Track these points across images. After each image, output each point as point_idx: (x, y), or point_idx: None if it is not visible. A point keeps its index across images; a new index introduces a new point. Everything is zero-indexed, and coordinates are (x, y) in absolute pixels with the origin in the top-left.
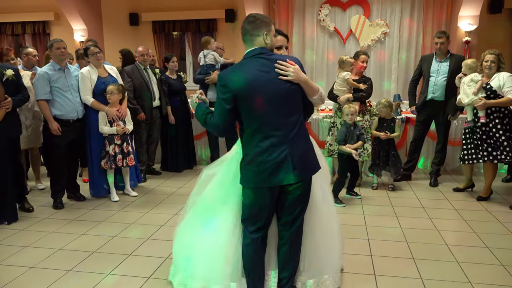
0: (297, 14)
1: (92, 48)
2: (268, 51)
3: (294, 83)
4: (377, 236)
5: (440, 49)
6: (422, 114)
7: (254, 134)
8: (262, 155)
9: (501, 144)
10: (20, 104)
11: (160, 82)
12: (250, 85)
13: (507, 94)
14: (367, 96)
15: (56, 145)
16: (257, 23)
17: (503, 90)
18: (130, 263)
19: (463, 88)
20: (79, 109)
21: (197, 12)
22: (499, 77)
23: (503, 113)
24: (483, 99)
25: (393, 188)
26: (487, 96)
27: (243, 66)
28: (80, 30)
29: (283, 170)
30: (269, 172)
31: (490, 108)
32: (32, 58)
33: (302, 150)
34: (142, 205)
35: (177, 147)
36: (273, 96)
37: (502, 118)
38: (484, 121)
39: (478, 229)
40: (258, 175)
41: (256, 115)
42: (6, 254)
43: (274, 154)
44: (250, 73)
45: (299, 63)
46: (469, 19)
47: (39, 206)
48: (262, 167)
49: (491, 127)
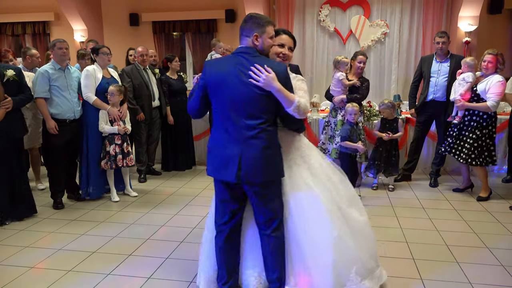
0: (297, 15)
1: (105, 49)
2: (254, 52)
3: (265, 90)
4: (377, 236)
5: (442, 49)
6: (423, 114)
7: (216, 126)
8: (218, 148)
9: (469, 148)
10: (22, 104)
11: (160, 82)
12: (220, 79)
13: (488, 100)
14: (362, 98)
15: (53, 144)
16: (248, 24)
17: (486, 95)
18: (130, 263)
19: (455, 84)
20: (76, 110)
21: (197, 13)
22: (488, 81)
23: (481, 117)
24: (462, 100)
25: (393, 189)
26: (471, 98)
27: (223, 60)
28: (80, 31)
29: (230, 167)
30: (219, 165)
31: (469, 110)
32: (36, 59)
33: (256, 154)
34: (142, 205)
35: (176, 147)
36: (237, 96)
37: (477, 122)
38: (457, 121)
39: (478, 229)
40: (211, 165)
41: (218, 109)
42: (6, 254)
43: (228, 150)
44: (224, 69)
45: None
46: (469, 20)
47: (39, 206)
48: (216, 158)
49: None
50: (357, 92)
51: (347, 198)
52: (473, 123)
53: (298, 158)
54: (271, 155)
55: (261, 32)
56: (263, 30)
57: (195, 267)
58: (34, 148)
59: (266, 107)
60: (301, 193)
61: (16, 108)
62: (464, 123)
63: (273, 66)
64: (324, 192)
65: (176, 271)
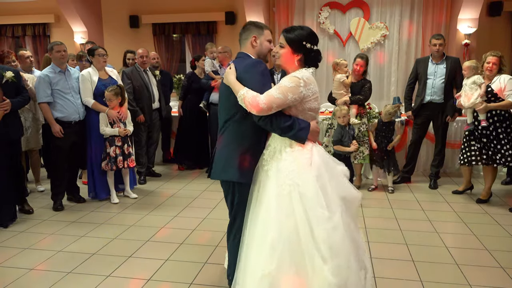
0: (297, 17)
1: (100, 50)
2: (246, 56)
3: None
4: (377, 238)
5: (438, 50)
6: (420, 116)
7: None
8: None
9: (502, 147)
10: (20, 106)
11: (160, 83)
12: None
13: (507, 98)
14: (365, 99)
15: (58, 147)
16: (247, 27)
17: (504, 93)
18: (130, 265)
19: (465, 90)
20: (80, 111)
21: (197, 15)
22: (500, 79)
23: (503, 116)
24: (484, 103)
25: (392, 190)
26: (487, 99)
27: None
28: (81, 32)
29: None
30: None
31: (490, 112)
32: (26, 60)
33: (220, 152)
34: (142, 207)
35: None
36: (220, 94)
37: (502, 121)
38: (485, 125)
39: (478, 231)
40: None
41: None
42: (6, 256)
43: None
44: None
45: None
46: (468, 22)
47: (39, 208)
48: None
49: (491, 130)
50: (360, 93)
51: (325, 246)
52: (498, 124)
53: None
54: (228, 154)
55: (259, 34)
56: (261, 32)
57: (195, 269)
58: (33, 151)
59: (231, 103)
60: (259, 209)
61: (14, 110)
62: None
63: (237, 64)
64: (287, 222)
65: (176, 273)
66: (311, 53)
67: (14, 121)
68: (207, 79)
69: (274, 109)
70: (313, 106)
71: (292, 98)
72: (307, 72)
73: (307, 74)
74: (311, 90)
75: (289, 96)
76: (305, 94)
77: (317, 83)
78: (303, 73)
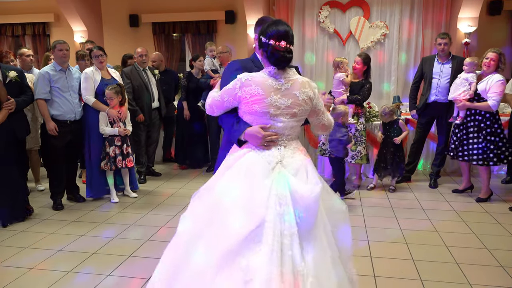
0: (297, 16)
1: (95, 51)
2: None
3: None
4: (377, 237)
5: (444, 50)
6: (425, 116)
7: None
8: None
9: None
10: (24, 105)
11: (159, 83)
12: None
13: (488, 99)
14: (362, 99)
15: (53, 146)
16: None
17: (487, 94)
18: (130, 264)
19: (455, 83)
20: (77, 111)
21: (197, 14)
22: (489, 80)
23: (484, 116)
24: (463, 100)
25: (393, 190)
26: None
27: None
28: (80, 32)
29: None
30: None
31: (471, 110)
32: (26, 58)
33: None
34: (142, 206)
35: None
36: None
37: (479, 121)
38: (459, 122)
39: (478, 230)
40: None
41: None
42: (6, 255)
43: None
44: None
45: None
46: (468, 21)
47: (39, 207)
48: None
49: (467, 128)
50: (358, 93)
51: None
52: (476, 123)
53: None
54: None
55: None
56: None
57: None
58: (33, 151)
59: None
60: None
61: (18, 109)
62: (467, 124)
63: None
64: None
65: None
66: (266, 48)
67: (20, 121)
68: (207, 78)
69: (216, 111)
70: (252, 109)
71: (228, 100)
72: (259, 72)
73: (249, 75)
74: (248, 93)
75: (225, 98)
76: (241, 96)
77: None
78: (247, 74)
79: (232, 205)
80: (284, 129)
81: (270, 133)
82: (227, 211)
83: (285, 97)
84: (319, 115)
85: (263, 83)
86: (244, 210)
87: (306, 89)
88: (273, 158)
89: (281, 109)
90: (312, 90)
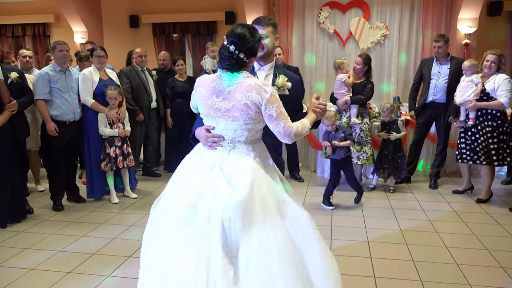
0: (297, 17)
1: (99, 51)
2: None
3: None
4: (377, 238)
5: (438, 52)
6: (423, 116)
7: None
8: None
9: (487, 147)
10: (25, 106)
11: (157, 84)
12: None
13: (499, 98)
14: (366, 99)
15: (52, 146)
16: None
17: (496, 93)
18: (130, 265)
19: (461, 85)
20: (76, 111)
21: (197, 15)
22: (495, 79)
23: (495, 116)
24: (473, 101)
25: (394, 190)
26: (480, 98)
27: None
28: (80, 32)
29: None
30: None
31: (481, 110)
32: (22, 59)
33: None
34: (141, 207)
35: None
36: None
37: (491, 120)
38: (472, 123)
39: (478, 231)
40: None
41: None
42: (6, 256)
43: None
44: None
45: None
46: (468, 22)
47: (39, 208)
48: None
49: (479, 129)
50: (361, 94)
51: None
52: (487, 123)
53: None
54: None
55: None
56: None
57: None
58: (33, 152)
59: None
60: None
61: (20, 111)
62: (477, 127)
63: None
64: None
65: None
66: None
67: (21, 122)
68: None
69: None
70: (202, 111)
71: (192, 99)
72: (214, 74)
73: (203, 76)
74: (199, 93)
75: (192, 97)
76: (196, 96)
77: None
78: (204, 75)
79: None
80: (227, 131)
81: (212, 134)
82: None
83: (226, 100)
84: (272, 122)
85: (208, 85)
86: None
87: (251, 93)
88: (213, 160)
89: (222, 112)
90: (261, 95)
